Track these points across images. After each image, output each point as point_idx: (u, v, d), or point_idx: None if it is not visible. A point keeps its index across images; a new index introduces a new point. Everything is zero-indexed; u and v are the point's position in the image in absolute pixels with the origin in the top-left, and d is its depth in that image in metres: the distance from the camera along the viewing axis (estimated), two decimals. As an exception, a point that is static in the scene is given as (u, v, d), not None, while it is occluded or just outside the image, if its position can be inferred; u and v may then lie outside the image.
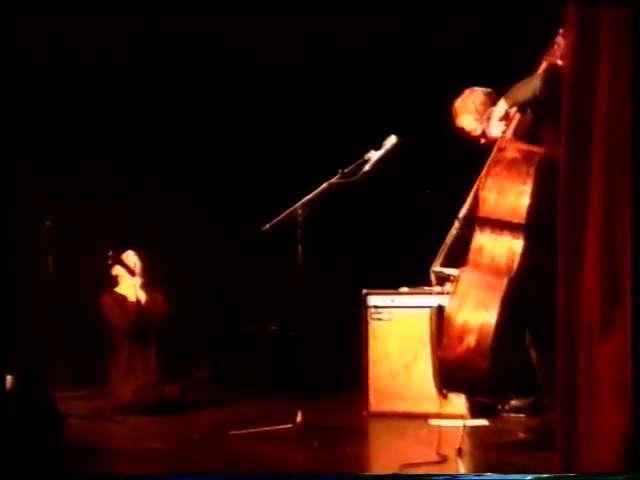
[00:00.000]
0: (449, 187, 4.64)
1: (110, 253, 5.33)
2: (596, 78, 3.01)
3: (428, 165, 5.58)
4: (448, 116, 4.62)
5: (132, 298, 5.31)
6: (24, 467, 3.60)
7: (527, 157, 3.93)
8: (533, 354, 3.98)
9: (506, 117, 4.14)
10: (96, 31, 5.62)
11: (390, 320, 4.90)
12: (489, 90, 4.49)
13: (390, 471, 3.47)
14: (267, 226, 4.45)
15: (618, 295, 2.92)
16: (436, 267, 4.21)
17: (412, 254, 5.35)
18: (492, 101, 4.37)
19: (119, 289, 5.37)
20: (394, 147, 4.43)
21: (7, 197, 3.82)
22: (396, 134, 4.44)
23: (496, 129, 4.20)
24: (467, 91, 4.56)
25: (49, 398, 4.19)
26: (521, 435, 4.23)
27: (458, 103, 4.55)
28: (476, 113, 4.48)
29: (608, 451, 2.83)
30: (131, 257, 5.40)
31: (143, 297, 5.33)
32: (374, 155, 4.43)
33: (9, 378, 3.88)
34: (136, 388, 5.09)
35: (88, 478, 3.55)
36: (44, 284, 4.92)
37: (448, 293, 4.08)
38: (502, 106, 4.18)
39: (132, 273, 5.35)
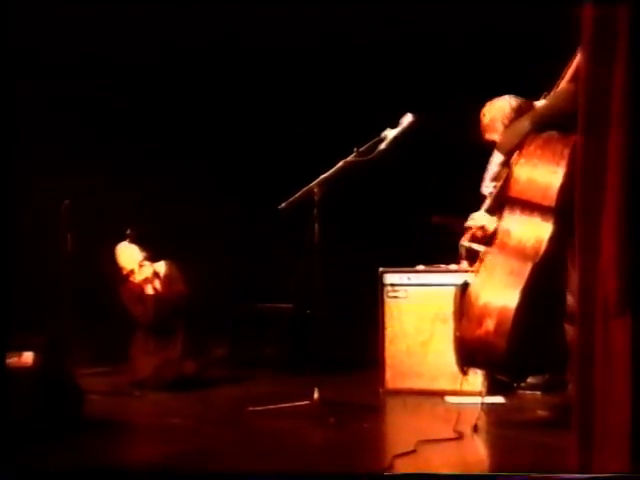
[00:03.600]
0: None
1: (128, 232, 5.37)
2: (613, 68, 2.97)
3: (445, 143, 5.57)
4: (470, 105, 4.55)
5: (150, 290, 5.35)
6: (44, 443, 3.66)
7: (564, 136, 3.83)
8: (569, 328, 3.90)
9: (496, 178, 4.08)
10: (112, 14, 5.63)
11: (406, 298, 4.92)
12: (516, 104, 4.24)
13: (407, 447, 3.48)
14: (283, 205, 4.45)
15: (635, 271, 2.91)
16: (465, 242, 4.17)
17: (429, 232, 5.38)
18: (520, 113, 4.17)
19: (137, 278, 5.40)
20: (411, 125, 4.40)
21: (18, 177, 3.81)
22: (413, 112, 4.42)
23: (486, 189, 4.16)
24: (495, 108, 4.29)
25: (69, 374, 4.24)
26: (539, 413, 4.24)
27: (487, 121, 4.31)
28: (504, 128, 4.24)
29: (622, 425, 2.83)
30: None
31: (159, 285, 5.35)
32: (390, 133, 4.39)
33: (30, 354, 3.93)
34: (156, 364, 5.15)
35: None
36: (63, 261, 4.96)
37: (466, 271, 4.08)
38: (497, 159, 4.10)
39: (149, 258, 5.39)
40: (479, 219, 4.12)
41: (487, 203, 4.12)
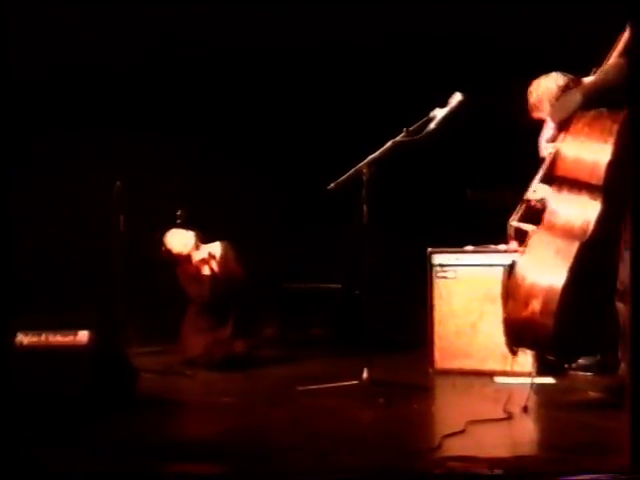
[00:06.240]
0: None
1: (178, 213, 5.43)
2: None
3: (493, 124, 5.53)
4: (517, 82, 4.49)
5: (207, 271, 5.41)
6: (98, 421, 3.74)
7: (612, 113, 3.76)
8: (621, 306, 3.84)
9: (553, 139, 4.03)
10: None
11: (455, 278, 4.90)
12: (564, 82, 4.22)
13: (456, 428, 3.48)
14: (332, 185, 4.46)
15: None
16: (514, 221, 4.12)
17: (478, 212, 5.35)
18: (567, 89, 4.15)
19: (195, 259, 5.46)
20: (459, 105, 4.37)
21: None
22: (461, 91, 4.39)
23: (545, 151, 4.11)
24: (542, 88, 4.28)
25: (123, 353, 4.32)
26: (591, 394, 4.20)
27: (534, 100, 4.30)
28: (551, 107, 4.22)
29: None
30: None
31: (216, 266, 5.41)
32: (439, 113, 4.37)
33: (85, 333, 4.00)
34: (207, 343, 5.22)
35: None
36: (116, 242, 5.04)
37: (515, 251, 4.04)
38: (549, 126, 4.09)
39: (200, 240, 5.46)
40: (541, 190, 4.00)
41: (546, 164, 4.05)
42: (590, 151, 3.77)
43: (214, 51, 6.07)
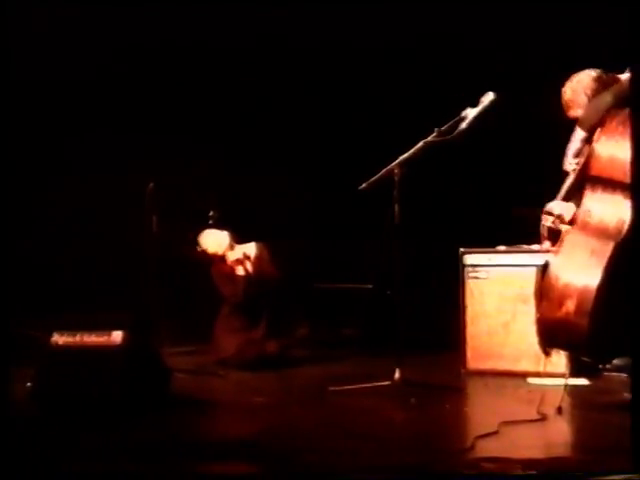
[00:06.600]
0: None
1: (211, 214, 5.46)
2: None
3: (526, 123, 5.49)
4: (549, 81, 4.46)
5: (241, 271, 5.44)
6: (132, 420, 3.77)
7: None
8: None
9: (578, 154, 3.99)
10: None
11: (487, 279, 4.88)
12: (597, 74, 4.18)
13: (489, 429, 3.47)
14: (364, 185, 4.46)
15: None
16: (547, 221, 4.10)
17: (509, 213, 5.32)
18: (602, 83, 4.12)
19: (229, 259, 5.49)
20: (491, 104, 4.35)
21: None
22: (493, 91, 4.36)
23: (569, 166, 4.07)
24: (575, 82, 4.23)
25: (157, 353, 4.36)
26: (625, 395, 4.16)
27: (569, 96, 4.24)
28: (587, 100, 4.16)
29: None
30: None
31: (250, 267, 5.44)
32: (471, 112, 4.35)
33: (119, 333, 4.04)
34: (239, 343, 5.25)
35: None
36: (149, 243, 5.08)
37: (548, 251, 4.02)
38: (579, 135, 4.03)
39: (234, 240, 5.49)
40: (555, 208, 4.00)
41: (569, 181, 4.04)
42: (625, 150, 3.73)
43: (247, 53, 6.11)
